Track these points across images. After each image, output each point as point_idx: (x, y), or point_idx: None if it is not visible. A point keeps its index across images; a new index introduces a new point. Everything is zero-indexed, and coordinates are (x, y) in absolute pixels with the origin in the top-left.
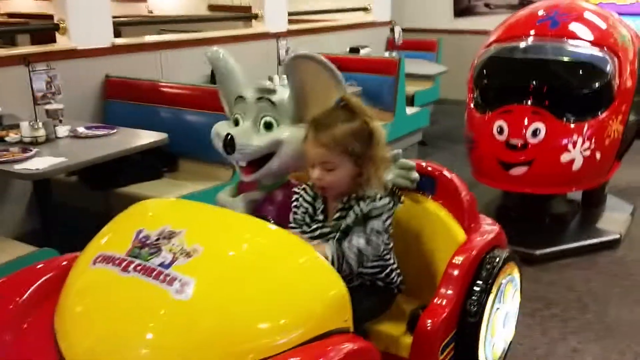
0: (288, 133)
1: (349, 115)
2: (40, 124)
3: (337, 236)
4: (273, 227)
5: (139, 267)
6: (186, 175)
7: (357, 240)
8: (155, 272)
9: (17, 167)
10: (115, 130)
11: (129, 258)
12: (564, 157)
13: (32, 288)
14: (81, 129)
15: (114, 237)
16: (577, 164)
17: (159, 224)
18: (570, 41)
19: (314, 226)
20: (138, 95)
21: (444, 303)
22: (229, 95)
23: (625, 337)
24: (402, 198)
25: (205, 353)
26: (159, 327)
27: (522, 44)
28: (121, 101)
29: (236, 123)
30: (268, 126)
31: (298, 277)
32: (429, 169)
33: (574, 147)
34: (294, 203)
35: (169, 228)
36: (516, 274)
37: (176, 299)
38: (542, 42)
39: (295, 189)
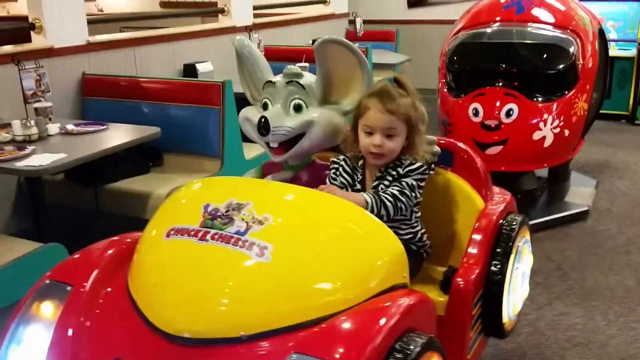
0: (317, 114)
1: (404, 91)
2: (32, 122)
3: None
4: (329, 195)
5: (216, 236)
6: (173, 169)
7: (392, 189)
8: (233, 239)
9: (19, 164)
10: (105, 127)
11: (204, 229)
12: (536, 135)
13: (103, 264)
14: (70, 126)
15: (182, 212)
16: (548, 141)
17: (225, 198)
18: (536, 25)
19: None
20: (116, 92)
21: (473, 264)
22: (255, 81)
23: (605, 299)
24: (433, 166)
25: (285, 307)
26: (243, 286)
27: (491, 30)
28: (99, 98)
29: (265, 107)
30: (297, 108)
31: (361, 239)
32: (446, 143)
33: (545, 125)
34: (332, 172)
35: (235, 201)
36: (528, 237)
37: (258, 261)
38: (510, 27)
39: (334, 159)
